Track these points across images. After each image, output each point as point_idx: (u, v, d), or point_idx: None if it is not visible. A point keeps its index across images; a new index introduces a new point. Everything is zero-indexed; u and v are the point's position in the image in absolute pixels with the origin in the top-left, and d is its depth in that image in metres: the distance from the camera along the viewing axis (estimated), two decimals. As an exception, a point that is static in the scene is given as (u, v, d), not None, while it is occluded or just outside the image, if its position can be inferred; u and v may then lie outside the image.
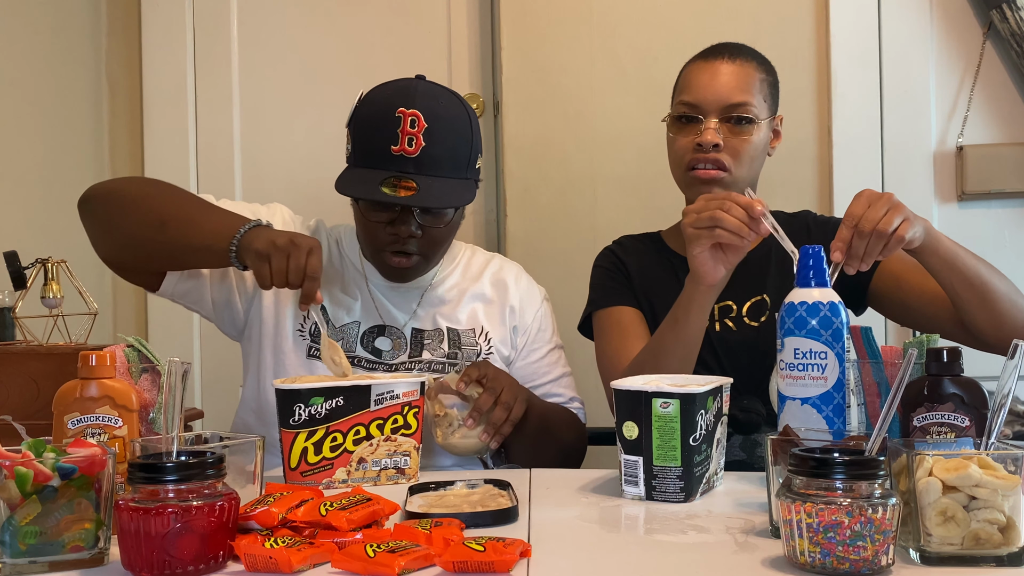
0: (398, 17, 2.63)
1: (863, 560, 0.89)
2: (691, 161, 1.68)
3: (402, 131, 1.53)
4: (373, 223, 1.60)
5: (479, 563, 0.92)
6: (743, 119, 1.65)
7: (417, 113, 1.54)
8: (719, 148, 1.64)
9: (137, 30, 2.70)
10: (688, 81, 1.71)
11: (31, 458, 0.96)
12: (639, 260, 1.81)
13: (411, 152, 1.53)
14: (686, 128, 1.69)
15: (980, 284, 1.50)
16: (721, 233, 1.41)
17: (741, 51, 1.71)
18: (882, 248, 1.35)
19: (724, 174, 1.65)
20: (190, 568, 0.93)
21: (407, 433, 1.39)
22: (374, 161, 1.56)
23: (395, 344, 1.67)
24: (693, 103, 1.68)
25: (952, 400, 1.10)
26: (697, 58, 1.73)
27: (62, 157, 2.54)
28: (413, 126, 1.54)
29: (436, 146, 1.55)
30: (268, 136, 2.67)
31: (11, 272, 1.86)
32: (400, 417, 1.39)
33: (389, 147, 1.54)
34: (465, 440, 1.51)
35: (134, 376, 1.21)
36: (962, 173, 2.35)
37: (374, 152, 1.56)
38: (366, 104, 1.60)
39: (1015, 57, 2.31)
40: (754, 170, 1.70)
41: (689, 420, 1.21)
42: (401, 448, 1.39)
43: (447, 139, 1.56)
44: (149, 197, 1.57)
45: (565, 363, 1.81)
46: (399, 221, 1.58)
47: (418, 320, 1.70)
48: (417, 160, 1.54)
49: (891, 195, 1.37)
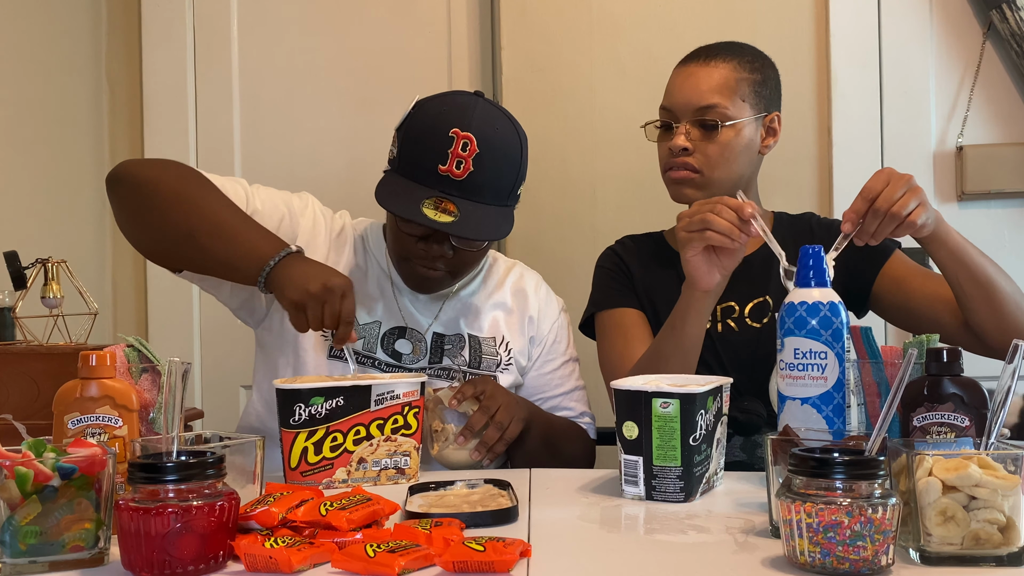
0: (398, 17, 2.63)
1: (863, 560, 0.89)
2: (666, 164, 1.71)
3: (453, 152, 1.50)
4: (405, 235, 1.57)
5: (479, 563, 0.92)
6: (710, 121, 1.66)
7: (471, 137, 1.50)
8: (688, 152, 1.67)
9: (137, 30, 2.70)
10: (669, 85, 1.74)
11: (31, 458, 0.96)
12: (641, 260, 1.81)
13: (458, 175, 1.50)
14: (664, 133, 1.72)
15: (986, 281, 1.50)
16: (712, 235, 1.43)
17: (720, 52, 1.70)
18: (893, 228, 1.37)
19: (695, 175, 1.68)
20: (190, 568, 0.93)
21: (407, 433, 1.39)
22: (418, 176, 1.52)
23: (415, 348, 1.66)
24: (668, 107, 1.72)
25: (952, 400, 1.10)
26: (681, 61, 1.75)
27: (62, 157, 2.54)
28: (464, 149, 1.50)
29: (484, 173, 1.51)
30: (268, 136, 2.67)
31: (11, 272, 1.86)
32: (400, 417, 1.39)
33: (436, 166, 1.50)
34: (458, 454, 1.52)
35: (134, 376, 1.21)
36: (962, 173, 2.35)
37: (420, 167, 1.52)
38: (420, 114, 1.55)
39: (1015, 57, 2.31)
40: (734, 171, 1.69)
41: (689, 420, 1.21)
42: (401, 448, 1.39)
43: (496, 167, 1.53)
44: (180, 200, 1.49)
45: (579, 377, 1.80)
46: (433, 240, 1.56)
47: (441, 325, 1.69)
48: (462, 184, 1.50)
49: (911, 177, 1.39)
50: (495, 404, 1.52)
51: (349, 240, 1.70)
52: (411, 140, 1.54)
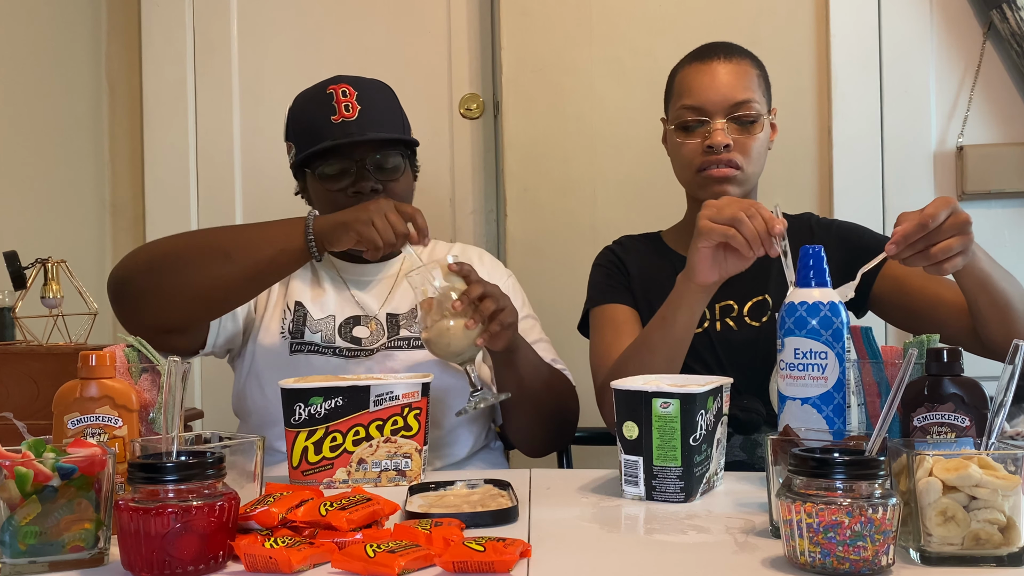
0: (398, 17, 2.63)
1: (863, 560, 0.89)
2: (702, 163, 1.67)
3: (336, 102, 1.65)
4: (335, 192, 1.66)
5: (479, 563, 0.92)
6: (749, 117, 1.66)
7: (346, 85, 1.66)
8: (730, 148, 1.65)
9: (137, 30, 2.70)
10: (687, 85, 1.70)
11: (31, 458, 0.96)
12: (639, 260, 1.80)
13: (350, 116, 1.64)
14: (693, 132, 1.68)
15: (1005, 303, 1.47)
16: (736, 235, 1.37)
17: (734, 49, 1.71)
18: (926, 264, 1.33)
19: (737, 172, 1.66)
20: (190, 568, 0.93)
21: (408, 435, 1.38)
22: (318, 137, 1.64)
23: (372, 331, 1.70)
24: (697, 106, 1.67)
25: (952, 400, 1.10)
26: (692, 60, 1.72)
27: (62, 157, 2.54)
28: (345, 96, 1.65)
29: (372, 108, 1.66)
30: (268, 136, 2.66)
31: (11, 272, 1.87)
32: (400, 419, 1.38)
33: (329, 119, 1.64)
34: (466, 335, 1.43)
35: (134, 376, 1.21)
36: (962, 173, 2.34)
37: (315, 129, 1.65)
38: (296, 105, 1.73)
39: (1015, 57, 2.31)
40: (761, 165, 1.71)
41: (689, 420, 1.21)
42: (402, 450, 1.38)
43: (379, 101, 1.69)
44: (193, 244, 1.59)
45: (540, 331, 1.81)
46: (358, 178, 1.65)
47: (392, 305, 1.73)
48: (359, 121, 1.64)
49: (967, 219, 1.32)
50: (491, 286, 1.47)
51: None
52: (300, 122, 1.71)
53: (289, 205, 2.02)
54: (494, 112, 2.59)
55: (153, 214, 2.69)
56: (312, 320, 1.69)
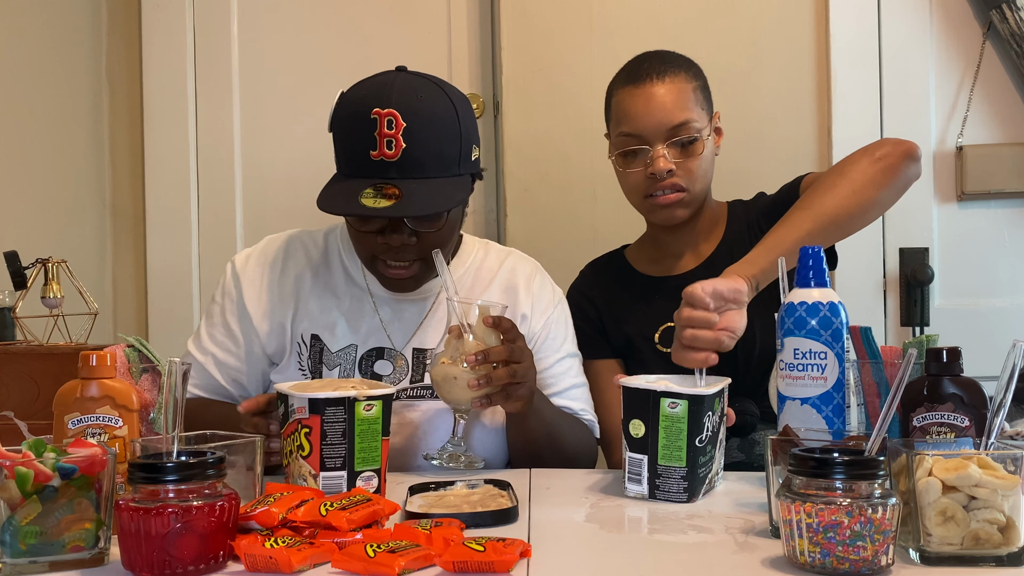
0: (398, 17, 2.63)
1: (863, 560, 0.89)
2: (648, 190, 1.67)
3: (379, 133, 1.41)
4: (363, 234, 1.49)
5: (479, 563, 0.92)
6: (689, 138, 1.64)
7: (394, 113, 1.41)
8: (673, 173, 1.64)
9: (137, 30, 2.70)
10: (623, 110, 1.68)
11: (31, 458, 0.96)
12: (605, 289, 1.79)
13: (391, 156, 1.41)
14: (635, 159, 1.67)
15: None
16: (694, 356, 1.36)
17: (668, 63, 1.68)
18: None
19: (683, 194, 1.66)
20: (190, 568, 0.93)
21: (303, 455, 1.20)
22: (355, 169, 1.45)
23: (396, 367, 1.58)
24: (635, 133, 1.66)
25: (952, 400, 1.10)
26: (625, 83, 1.69)
27: (62, 157, 2.54)
28: (391, 127, 1.41)
29: (418, 146, 1.42)
30: (268, 136, 2.67)
31: (11, 272, 1.87)
32: (297, 436, 1.20)
33: (368, 153, 1.42)
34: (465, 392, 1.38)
35: (134, 376, 1.21)
36: (962, 173, 2.35)
37: (354, 159, 1.45)
38: (343, 105, 1.48)
39: (1015, 57, 2.31)
40: (709, 179, 1.71)
41: (696, 421, 1.21)
42: (300, 471, 1.21)
43: (430, 137, 1.43)
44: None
45: (578, 373, 1.66)
46: (390, 230, 1.46)
47: (420, 339, 1.59)
48: (399, 164, 1.41)
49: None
50: (521, 354, 1.40)
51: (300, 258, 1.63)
52: (340, 136, 1.48)
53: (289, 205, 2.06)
54: (494, 112, 2.59)
55: (153, 214, 2.69)
56: (329, 354, 1.56)
